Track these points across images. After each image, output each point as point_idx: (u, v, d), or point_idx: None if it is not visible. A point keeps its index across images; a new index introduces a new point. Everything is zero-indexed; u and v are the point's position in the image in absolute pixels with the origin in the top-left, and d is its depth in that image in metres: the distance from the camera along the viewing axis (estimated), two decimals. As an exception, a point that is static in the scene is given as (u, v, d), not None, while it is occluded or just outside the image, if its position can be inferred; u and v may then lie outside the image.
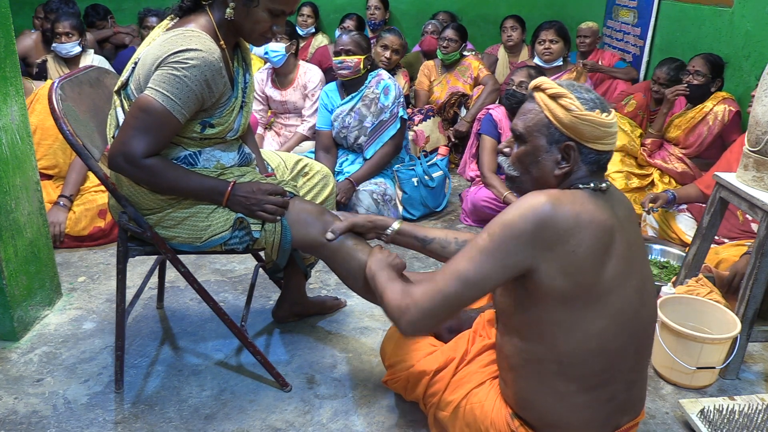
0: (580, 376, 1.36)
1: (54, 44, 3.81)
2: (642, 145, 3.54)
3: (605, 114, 1.32)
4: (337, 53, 3.31)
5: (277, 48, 3.68)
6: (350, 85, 3.40)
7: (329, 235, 1.77)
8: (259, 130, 3.92)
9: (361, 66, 3.30)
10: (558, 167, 1.36)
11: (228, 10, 1.69)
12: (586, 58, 4.55)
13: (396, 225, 1.76)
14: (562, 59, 4.08)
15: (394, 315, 1.41)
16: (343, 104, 3.41)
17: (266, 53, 3.71)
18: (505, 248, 1.28)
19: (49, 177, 3.06)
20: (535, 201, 1.27)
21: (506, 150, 1.44)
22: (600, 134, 1.32)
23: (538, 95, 1.36)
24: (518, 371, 1.43)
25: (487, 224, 1.34)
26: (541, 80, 1.38)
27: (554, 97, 1.33)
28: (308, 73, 3.84)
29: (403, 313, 1.38)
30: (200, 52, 1.63)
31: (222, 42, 1.73)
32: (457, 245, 1.72)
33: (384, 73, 3.43)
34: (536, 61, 4.12)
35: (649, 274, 1.44)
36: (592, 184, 1.35)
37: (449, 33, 4.33)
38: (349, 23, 5.13)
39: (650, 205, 2.95)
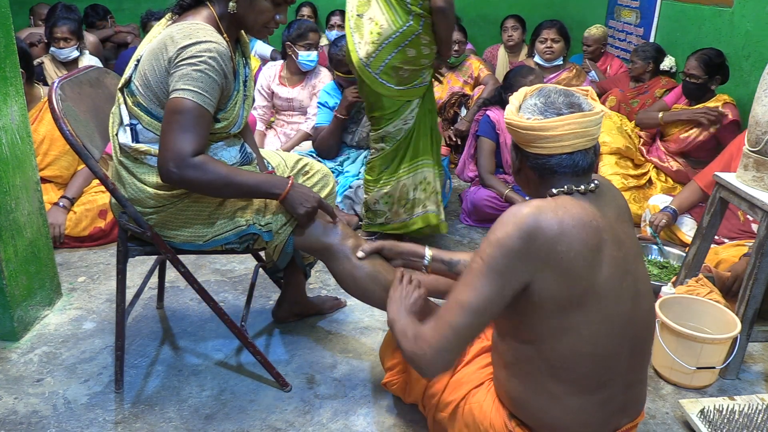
0: (573, 380, 1.35)
1: (52, 48, 3.84)
2: (639, 137, 3.59)
3: (539, 118, 1.30)
4: None
5: (314, 57, 3.74)
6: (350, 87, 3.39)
7: (360, 254, 1.78)
8: (261, 126, 3.90)
9: None
10: None
11: (231, 3, 1.69)
12: (595, 63, 4.65)
13: (428, 253, 1.75)
14: (561, 58, 4.09)
15: (414, 362, 1.39)
16: None
17: (309, 62, 3.73)
18: (500, 268, 1.27)
19: (52, 182, 3.03)
20: (518, 215, 1.27)
21: None
22: (529, 138, 1.32)
23: None
24: (511, 369, 1.43)
25: (480, 246, 1.34)
26: None
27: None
28: (318, 74, 3.86)
29: (421, 358, 1.36)
30: (212, 43, 1.62)
31: (225, 35, 1.73)
32: None
33: None
34: (536, 59, 4.12)
35: (643, 274, 1.42)
36: (565, 187, 1.33)
37: (457, 36, 4.31)
38: (334, 20, 5.11)
39: (658, 226, 2.91)
